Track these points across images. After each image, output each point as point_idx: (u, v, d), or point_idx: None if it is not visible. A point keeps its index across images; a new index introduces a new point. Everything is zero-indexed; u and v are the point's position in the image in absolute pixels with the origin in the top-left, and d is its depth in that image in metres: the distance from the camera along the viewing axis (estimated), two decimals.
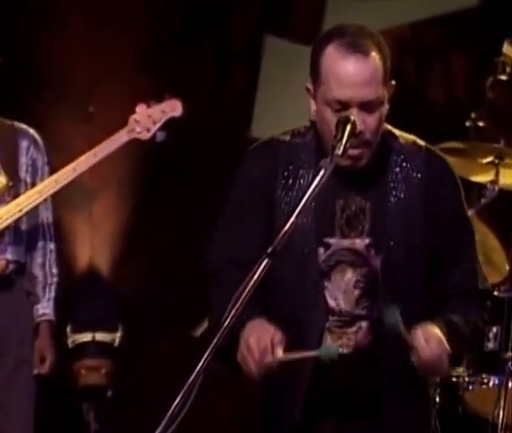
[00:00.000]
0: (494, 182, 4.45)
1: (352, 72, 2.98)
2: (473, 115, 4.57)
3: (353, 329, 3.06)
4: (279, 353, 2.90)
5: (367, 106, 2.99)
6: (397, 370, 3.02)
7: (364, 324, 3.06)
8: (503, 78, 4.51)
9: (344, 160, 2.93)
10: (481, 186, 4.49)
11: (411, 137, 3.17)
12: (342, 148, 2.89)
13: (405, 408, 3.04)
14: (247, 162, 3.17)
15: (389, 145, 3.12)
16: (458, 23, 6.41)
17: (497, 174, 4.45)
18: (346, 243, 3.06)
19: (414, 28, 6.61)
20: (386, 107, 3.05)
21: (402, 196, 3.07)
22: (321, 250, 3.06)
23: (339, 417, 3.05)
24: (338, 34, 3.03)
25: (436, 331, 2.96)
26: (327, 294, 3.07)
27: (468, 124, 4.56)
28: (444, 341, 2.95)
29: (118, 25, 6.70)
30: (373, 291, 3.06)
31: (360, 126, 2.96)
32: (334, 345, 3.02)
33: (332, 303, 3.06)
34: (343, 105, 2.98)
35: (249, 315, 2.90)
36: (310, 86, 3.06)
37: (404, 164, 3.10)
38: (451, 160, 4.47)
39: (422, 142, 3.17)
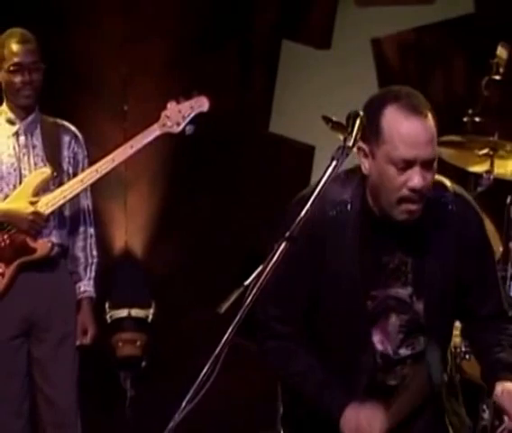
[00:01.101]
0: (489, 172, 4.44)
1: (418, 132, 2.92)
2: (470, 112, 4.55)
3: (399, 367, 3.08)
4: None
5: (427, 164, 2.94)
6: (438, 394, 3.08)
7: (408, 361, 3.08)
8: (497, 77, 4.50)
9: (401, 214, 2.93)
10: (478, 175, 4.48)
11: (440, 180, 3.10)
12: (352, 140, 2.84)
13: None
14: (288, 218, 2.93)
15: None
16: (457, 28, 6.38)
17: (491, 164, 4.44)
18: (391, 292, 3.05)
19: (416, 32, 6.57)
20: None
21: (438, 242, 3.04)
22: (369, 303, 3.05)
23: None
24: (394, 97, 2.97)
25: None
26: (374, 339, 3.07)
27: (465, 119, 4.55)
28: None
29: (150, 31, 6.69)
30: (415, 332, 3.07)
31: (422, 182, 2.92)
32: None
33: (379, 347, 3.07)
34: (408, 164, 2.93)
35: (340, 399, 2.99)
36: (364, 145, 2.96)
37: (436, 211, 3.05)
38: (450, 151, 4.51)
39: (449, 184, 3.11)
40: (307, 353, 3.06)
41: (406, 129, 2.93)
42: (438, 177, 3.09)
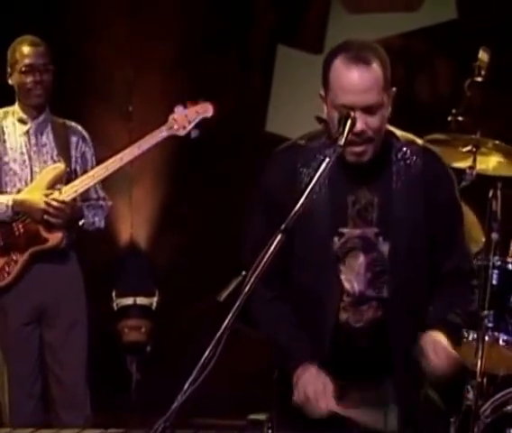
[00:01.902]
0: (472, 168, 4.43)
1: (355, 80, 2.96)
2: (454, 111, 4.53)
3: (365, 307, 3.05)
4: (334, 405, 2.93)
5: (369, 110, 2.95)
6: (402, 341, 3.02)
7: (374, 302, 3.04)
8: (479, 79, 4.49)
9: (350, 155, 2.94)
10: (461, 171, 4.47)
11: (410, 136, 3.15)
12: (343, 139, 2.86)
13: (405, 372, 3.03)
14: (270, 167, 3.15)
15: (391, 144, 3.09)
16: (441, 33, 6.38)
17: (474, 161, 4.43)
18: (357, 232, 3.04)
19: (403, 38, 6.57)
20: (388, 110, 3.03)
21: (404, 189, 3.04)
22: (336, 239, 3.03)
23: (349, 378, 3.03)
24: (344, 49, 3.02)
25: (442, 341, 2.98)
26: (342, 277, 3.05)
27: (449, 118, 4.53)
28: (449, 347, 2.98)
29: (155, 34, 6.69)
30: (382, 274, 3.04)
31: (362, 126, 2.94)
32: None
33: (347, 285, 3.05)
34: (349, 109, 2.95)
35: (300, 356, 2.98)
36: (322, 92, 3.05)
37: (404, 161, 3.07)
38: (435, 148, 4.50)
39: (420, 141, 3.15)
40: (284, 304, 3.05)
41: (345, 77, 2.97)
42: (410, 135, 3.13)
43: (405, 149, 3.09)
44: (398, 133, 3.15)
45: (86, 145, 4.66)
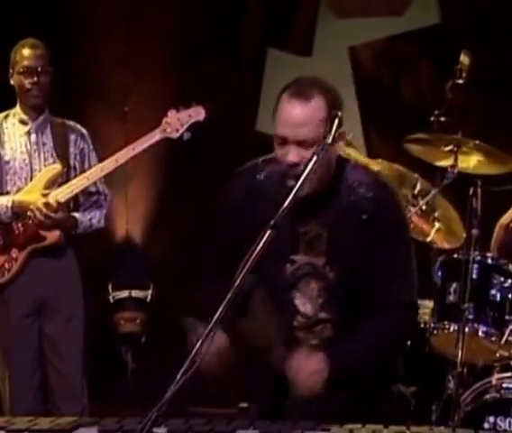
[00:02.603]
0: (453, 166, 4.43)
1: (291, 114, 2.94)
2: (436, 112, 4.53)
3: (319, 327, 3.07)
4: None
5: (302, 144, 2.92)
6: None
7: (328, 324, 3.07)
8: (460, 81, 4.49)
9: (289, 187, 2.85)
10: (443, 169, 4.47)
11: (364, 166, 3.13)
12: (331, 138, 2.86)
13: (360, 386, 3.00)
14: (231, 184, 3.18)
15: (341, 176, 3.06)
16: (424, 37, 6.39)
17: (455, 160, 4.43)
18: (308, 260, 3.05)
19: (389, 41, 6.58)
20: (333, 146, 2.93)
21: (351, 222, 3.02)
22: (288, 265, 3.06)
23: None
24: (293, 84, 3.01)
25: (309, 363, 2.93)
26: (297, 301, 3.07)
27: (432, 119, 4.53)
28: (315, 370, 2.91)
29: (151, 39, 6.69)
30: (333, 298, 3.05)
31: (293, 159, 2.93)
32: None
33: (301, 308, 3.07)
34: (283, 140, 2.96)
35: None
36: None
37: (354, 193, 3.04)
38: (418, 148, 4.51)
39: (372, 171, 3.13)
40: None
41: (283, 110, 2.96)
42: (366, 162, 3.12)
43: (355, 181, 3.06)
44: (352, 161, 3.13)
45: (84, 142, 4.67)
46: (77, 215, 4.59)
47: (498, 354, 4.27)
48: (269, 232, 2.67)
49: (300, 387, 2.94)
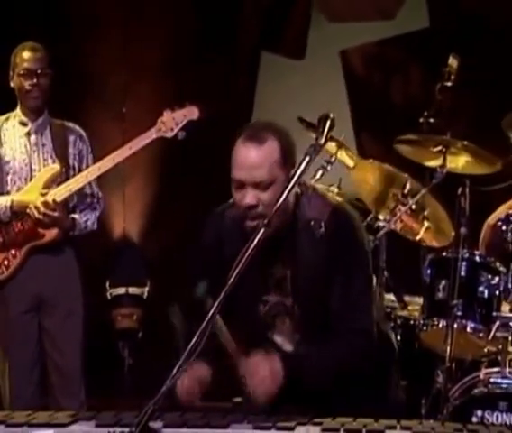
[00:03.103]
0: (442, 166, 4.42)
1: (245, 157, 2.92)
2: (426, 113, 4.53)
3: None
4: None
5: (259, 185, 2.90)
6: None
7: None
8: (448, 84, 4.49)
9: (249, 229, 2.85)
10: (432, 169, 4.47)
11: (323, 195, 3.07)
12: (323, 139, 2.85)
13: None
14: (206, 226, 3.18)
15: (299, 212, 3.01)
16: (414, 40, 6.40)
17: (444, 160, 4.42)
18: (278, 299, 3.03)
19: (379, 45, 6.59)
20: (282, 187, 2.84)
21: (312, 257, 2.97)
22: (261, 306, 3.04)
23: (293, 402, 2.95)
24: (245, 129, 3.00)
25: (265, 366, 2.88)
26: (277, 339, 3.05)
27: (421, 120, 4.53)
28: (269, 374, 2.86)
29: (148, 42, 6.69)
30: (305, 335, 3.02)
31: (251, 200, 2.90)
32: None
33: (282, 346, 3.03)
34: (240, 184, 2.93)
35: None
36: None
37: (313, 227, 2.99)
38: (408, 149, 4.51)
39: (333, 200, 3.06)
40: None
41: (238, 154, 2.94)
42: (323, 193, 3.08)
43: (309, 213, 3.01)
44: (310, 189, 3.06)
45: (83, 143, 4.66)
46: (75, 216, 4.58)
47: (485, 350, 4.27)
48: (262, 230, 2.66)
49: (255, 391, 2.87)
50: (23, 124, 4.59)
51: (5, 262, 4.48)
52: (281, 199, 2.74)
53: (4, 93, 4.62)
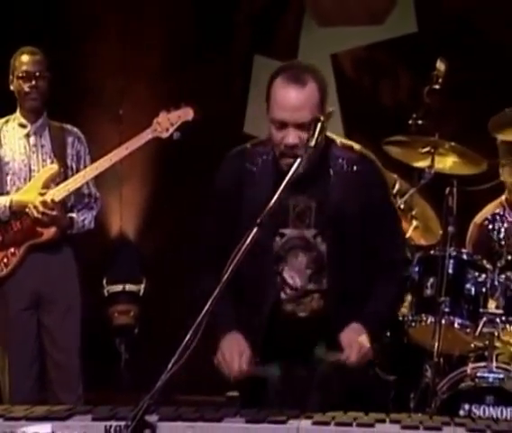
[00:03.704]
0: (430, 167, 4.43)
1: (289, 99, 2.94)
2: (414, 115, 4.53)
3: (308, 299, 3.06)
4: (244, 366, 2.95)
5: (301, 126, 2.93)
6: (342, 327, 3.00)
7: (316, 295, 3.05)
8: (436, 87, 4.48)
9: (284, 166, 2.90)
10: (421, 170, 4.47)
11: (349, 143, 3.14)
12: (314, 141, 2.87)
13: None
14: (221, 170, 3.18)
15: (329, 152, 3.07)
16: (402, 45, 6.40)
17: (432, 161, 4.43)
18: (297, 233, 3.04)
19: (369, 49, 6.58)
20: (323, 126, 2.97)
21: (340, 194, 3.04)
22: (277, 238, 3.05)
23: (289, 360, 3.03)
24: (285, 69, 3.01)
25: (357, 335, 2.95)
26: (285, 274, 3.06)
27: (410, 122, 4.52)
28: (364, 341, 2.95)
29: (144, 45, 6.68)
30: (322, 270, 3.04)
31: (294, 140, 2.93)
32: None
33: (289, 280, 3.06)
34: (282, 124, 2.95)
35: (227, 325, 2.99)
36: (266, 107, 3.03)
37: (341, 167, 3.06)
38: (397, 150, 4.51)
39: (357, 147, 3.14)
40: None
41: (280, 95, 2.96)
42: (348, 141, 3.14)
43: (342, 156, 3.08)
44: (338, 140, 3.14)
45: (81, 145, 4.65)
46: (73, 215, 4.57)
47: (472, 345, 4.27)
48: (255, 230, 2.65)
49: (353, 359, 2.93)
50: (23, 125, 4.59)
51: (5, 260, 4.47)
52: (272, 202, 2.73)
53: (4, 96, 4.61)
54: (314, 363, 3.01)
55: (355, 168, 3.07)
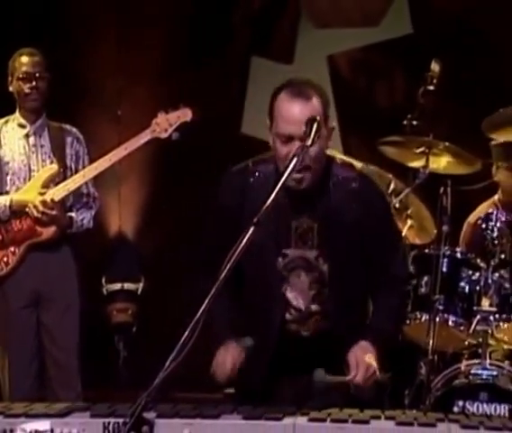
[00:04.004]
0: (425, 167, 4.43)
1: (295, 112, 2.93)
2: (409, 116, 4.53)
3: (312, 320, 3.05)
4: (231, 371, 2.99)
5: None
6: (345, 345, 2.99)
7: (319, 316, 3.05)
8: (431, 88, 4.49)
9: (290, 181, 2.87)
10: (415, 170, 4.47)
11: (349, 162, 3.19)
12: (310, 140, 2.86)
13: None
14: (224, 186, 3.16)
15: (330, 171, 3.06)
16: (398, 46, 6.40)
17: (427, 161, 4.43)
18: (299, 253, 3.03)
19: (364, 50, 6.59)
20: (326, 142, 3.00)
21: (341, 214, 3.03)
22: (280, 259, 3.04)
23: (295, 379, 3.03)
24: (289, 85, 3.00)
25: (365, 354, 2.93)
26: (289, 294, 3.05)
27: (405, 122, 4.52)
28: (371, 361, 2.93)
29: (142, 47, 6.68)
30: (324, 290, 3.04)
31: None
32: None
33: (293, 301, 3.05)
34: (288, 138, 2.94)
35: (224, 335, 3.01)
36: (268, 122, 3.02)
37: (341, 187, 3.05)
38: (392, 150, 4.51)
39: (358, 166, 3.19)
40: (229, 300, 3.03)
41: (285, 110, 2.95)
42: (348, 159, 3.14)
43: (342, 175, 3.07)
44: (338, 158, 3.15)
45: (79, 145, 4.64)
46: (72, 215, 4.57)
47: (466, 343, 4.28)
48: (252, 229, 2.65)
49: (359, 379, 2.91)
50: (22, 126, 4.58)
51: (5, 259, 4.47)
52: (270, 199, 2.71)
53: (3, 97, 4.61)
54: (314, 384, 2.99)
55: (354, 186, 3.06)
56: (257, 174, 3.09)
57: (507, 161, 4.75)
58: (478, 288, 4.19)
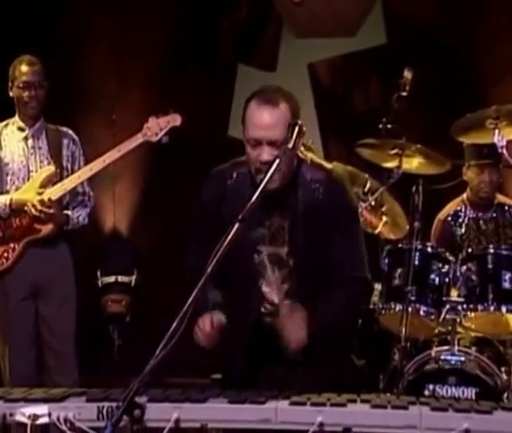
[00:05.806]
0: (398, 167, 4.44)
1: (262, 118, 2.94)
2: (384, 120, 4.54)
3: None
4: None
5: (274, 144, 2.92)
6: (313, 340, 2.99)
7: None
8: (404, 94, 4.50)
9: (259, 182, 2.82)
10: (389, 170, 4.48)
11: (318, 163, 3.19)
12: (292, 143, 2.85)
13: (322, 357, 3.00)
14: (205, 186, 3.16)
15: (299, 173, 3.06)
16: (373, 55, 6.41)
17: (400, 162, 4.44)
18: (272, 250, 3.04)
19: (343, 59, 6.60)
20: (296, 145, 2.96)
21: (308, 213, 3.02)
22: (255, 255, 3.05)
23: (271, 365, 3.03)
24: (259, 93, 3.00)
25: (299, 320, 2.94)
26: (265, 289, 3.06)
27: (380, 126, 4.54)
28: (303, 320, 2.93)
29: (136, 54, 6.66)
30: (294, 286, 3.05)
31: (268, 157, 2.91)
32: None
33: (268, 295, 3.05)
34: (257, 142, 2.95)
35: (204, 310, 2.97)
36: (241, 128, 3.03)
37: (309, 188, 3.05)
38: (368, 152, 4.52)
39: (327, 167, 3.16)
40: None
41: (255, 115, 2.96)
42: (320, 161, 3.13)
43: (310, 177, 3.07)
44: (309, 160, 3.16)
45: (75, 146, 4.63)
46: (68, 212, 4.56)
47: (436, 331, 4.30)
48: (237, 225, 2.64)
49: (289, 340, 2.91)
50: (21, 129, 4.56)
51: (5, 255, 4.45)
52: (254, 197, 2.71)
53: (4, 101, 4.59)
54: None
55: (322, 187, 3.05)
56: (235, 175, 3.10)
57: (477, 160, 4.78)
58: (447, 280, 4.20)
